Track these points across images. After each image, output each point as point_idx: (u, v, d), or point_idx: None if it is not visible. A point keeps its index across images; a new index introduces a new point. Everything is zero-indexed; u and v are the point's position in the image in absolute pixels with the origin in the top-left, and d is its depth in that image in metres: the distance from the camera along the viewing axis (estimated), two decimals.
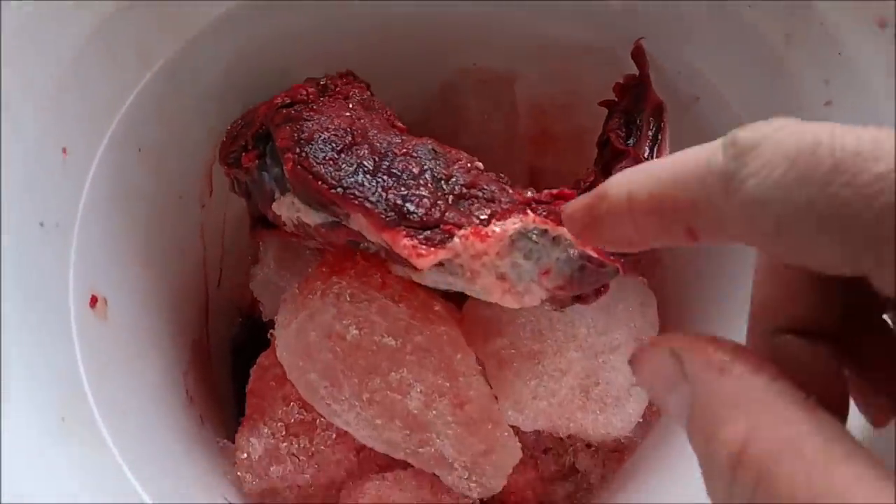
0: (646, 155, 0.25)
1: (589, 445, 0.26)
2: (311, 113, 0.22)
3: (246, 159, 0.23)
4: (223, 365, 0.31)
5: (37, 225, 0.20)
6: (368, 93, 0.25)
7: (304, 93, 0.23)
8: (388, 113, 0.24)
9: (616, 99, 0.27)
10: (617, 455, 0.26)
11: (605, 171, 0.25)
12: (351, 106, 0.23)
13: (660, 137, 0.25)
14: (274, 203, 0.24)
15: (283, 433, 0.24)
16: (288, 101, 0.23)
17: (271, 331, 0.27)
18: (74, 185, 0.21)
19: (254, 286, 0.29)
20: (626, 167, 0.24)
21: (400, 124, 0.24)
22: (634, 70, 0.27)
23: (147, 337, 0.24)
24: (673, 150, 0.26)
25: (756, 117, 0.27)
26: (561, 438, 0.26)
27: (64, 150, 0.21)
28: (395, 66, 0.30)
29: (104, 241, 0.22)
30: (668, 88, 0.27)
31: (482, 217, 0.21)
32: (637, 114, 0.26)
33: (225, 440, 0.27)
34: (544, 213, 0.21)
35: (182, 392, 0.26)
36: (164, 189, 0.26)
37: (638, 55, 0.28)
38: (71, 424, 0.19)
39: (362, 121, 0.22)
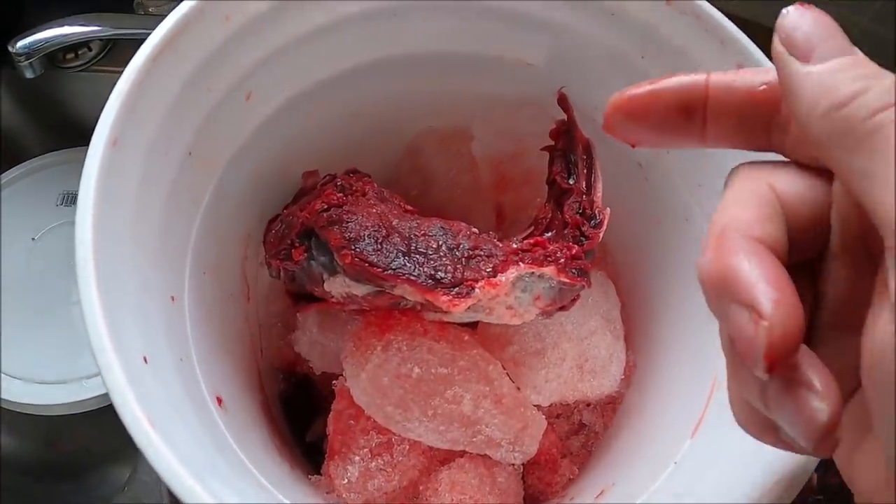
0: (584, 188, 0.37)
1: (588, 404, 0.39)
2: (349, 215, 0.32)
3: (296, 254, 0.33)
4: (281, 417, 0.41)
5: (178, 360, 0.29)
6: (375, 185, 0.35)
7: (335, 198, 0.33)
8: (398, 200, 0.35)
9: (553, 142, 0.39)
10: (611, 406, 0.39)
11: (558, 205, 0.37)
12: (372, 202, 0.33)
13: (593, 171, 0.37)
14: (325, 283, 0.34)
15: (370, 456, 0.35)
16: (325, 207, 0.33)
17: (334, 382, 0.37)
18: (182, 324, 0.30)
19: (299, 348, 0.39)
20: (574, 202, 0.36)
21: (409, 207, 0.34)
22: (563, 115, 0.39)
23: (248, 413, 0.34)
24: (603, 174, 0.38)
25: None
26: (568, 404, 0.39)
27: (172, 298, 0.30)
28: (365, 141, 0.40)
29: (211, 359, 0.31)
30: (589, 121, 0.39)
31: (488, 270, 0.32)
32: (572, 153, 0.38)
33: (315, 475, 0.37)
34: (529, 261, 0.32)
35: (273, 448, 0.36)
36: (226, 298, 0.35)
37: (562, 101, 0.39)
38: (229, 471, 0.29)
39: (385, 214, 0.33)
